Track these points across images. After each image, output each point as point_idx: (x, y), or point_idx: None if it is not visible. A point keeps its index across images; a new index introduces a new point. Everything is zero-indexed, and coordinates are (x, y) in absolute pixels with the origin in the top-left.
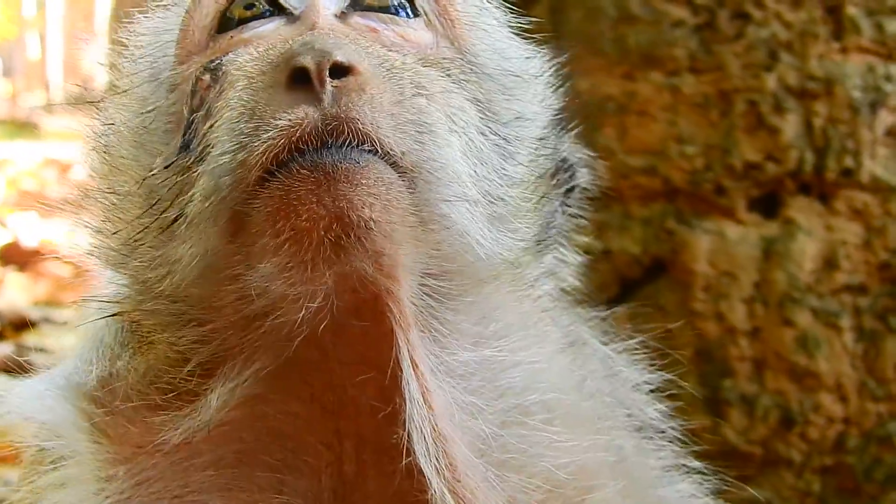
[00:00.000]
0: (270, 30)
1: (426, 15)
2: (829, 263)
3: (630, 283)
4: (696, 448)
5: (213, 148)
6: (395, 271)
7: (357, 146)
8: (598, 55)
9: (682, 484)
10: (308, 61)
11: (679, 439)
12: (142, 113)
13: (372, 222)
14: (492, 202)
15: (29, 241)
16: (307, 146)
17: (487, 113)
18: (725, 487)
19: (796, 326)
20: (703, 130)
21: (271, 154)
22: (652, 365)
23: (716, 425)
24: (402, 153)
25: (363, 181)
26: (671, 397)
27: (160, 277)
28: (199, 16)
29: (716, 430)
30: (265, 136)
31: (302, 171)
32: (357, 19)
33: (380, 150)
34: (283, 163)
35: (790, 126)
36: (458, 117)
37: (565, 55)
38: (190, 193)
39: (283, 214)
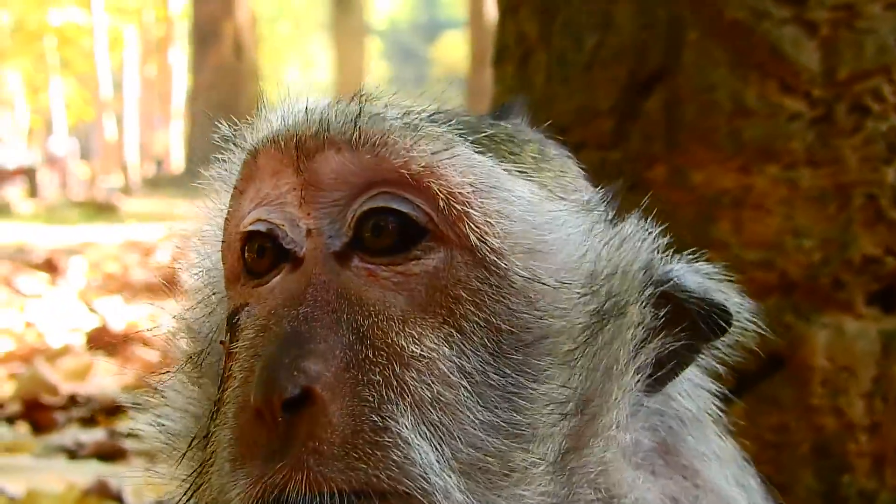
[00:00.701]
0: (277, 283)
1: (437, 229)
2: None
3: (746, 376)
4: None
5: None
6: None
7: (324, 498)
8: (713, 149)
9: None
10: (260, 401)
11: None
12: (197, 354)
13: None
14: (491, 477)
15: (116, 325)
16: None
17: (499, 345)
18: None
19: None
20: (820, 224)
21: None
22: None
23: None
24: (363, 483)
25: None
26: (789, 492)
27: None
28: (229, 255)
29: None
30: (234, 492)
31: None
32: (357, 262)
33: (336, 496)
34: None
35: None
36: (441, 397)
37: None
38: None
39: None
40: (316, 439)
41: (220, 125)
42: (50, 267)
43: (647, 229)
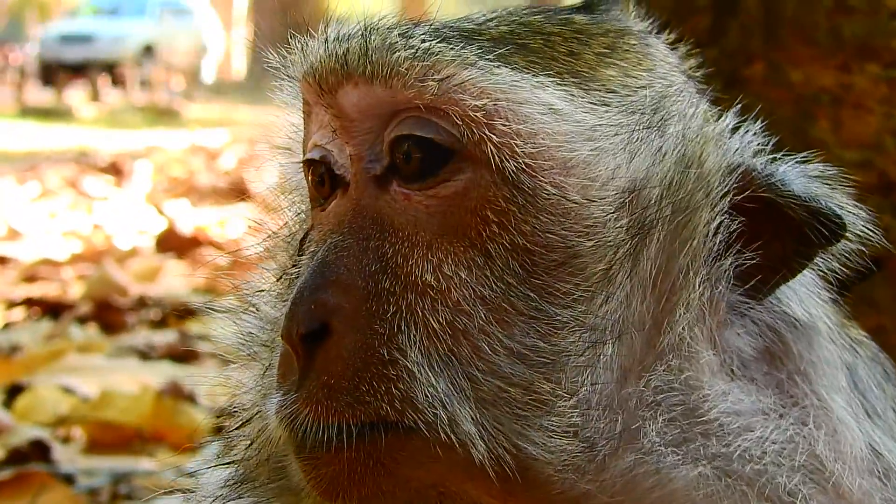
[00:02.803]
0: (332, 208)
1: (463, 150)
2: None
3: (845, 277)
4: None
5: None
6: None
7: (332, 429)
8: (812, 46)
9: None
10: (284, 334)
11: None
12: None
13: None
14: (511, 407)
15: (184, 228)
16: (298, 433)
17: (524, 268)
18: None
19: None
20: None
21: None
22: None
23: None
24: (378, 414)
25: (339, 462)
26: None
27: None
28: (305, 179)
29: None
30: (271, 426)
31: (298, 454)
32: (395, 187)
33: (351, 426)
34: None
35: None
36: (454, 326)
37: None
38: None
39: (309, 483)
40: (327, 373)
41: (277, 43)
42: (115, 170)
43: (743, 130)
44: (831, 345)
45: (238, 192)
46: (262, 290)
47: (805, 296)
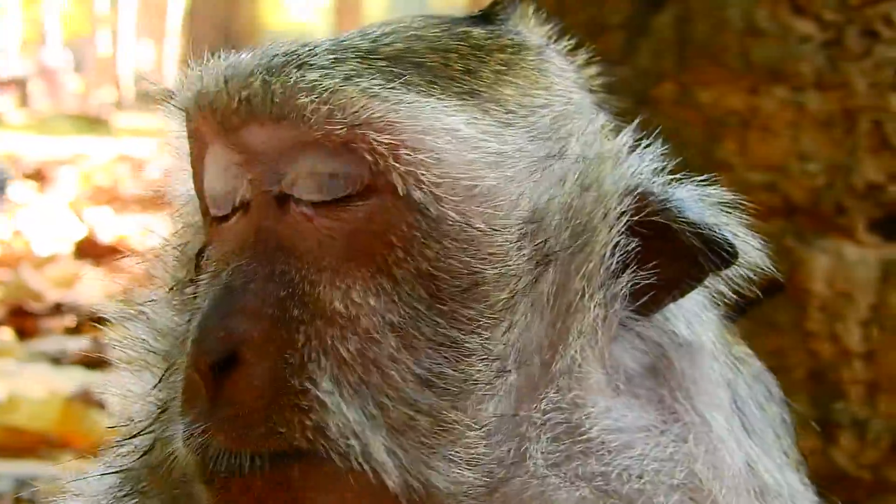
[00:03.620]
0: (231, 225)
1: (367, 178)
2: None
3: (741, 300)
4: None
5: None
6: None
7: (243, 457)
8: (722, 67)
9: None
10: (190, 363)
11: None
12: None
13: None
14: (419, 437)
15: (104, 237)
16: (208, 462)
17: (432, 294)
18: None
19: None
20: (825, 148)
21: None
22: None
23: (826, 448)
24: (290, 444)
25: (250, 490)
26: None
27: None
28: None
29: (825, 453)
30: (180, 437)
31: (203, 481)
32: (293, 206)
33: (259, 456)
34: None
35: None
36: (364, 354)
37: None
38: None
39: None
40: (237, 404)
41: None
42: (40, 176)
43: (644, 150)
44: (714, 363)
45: (161, 201)
46: (153, 300)
47: (692, 315)
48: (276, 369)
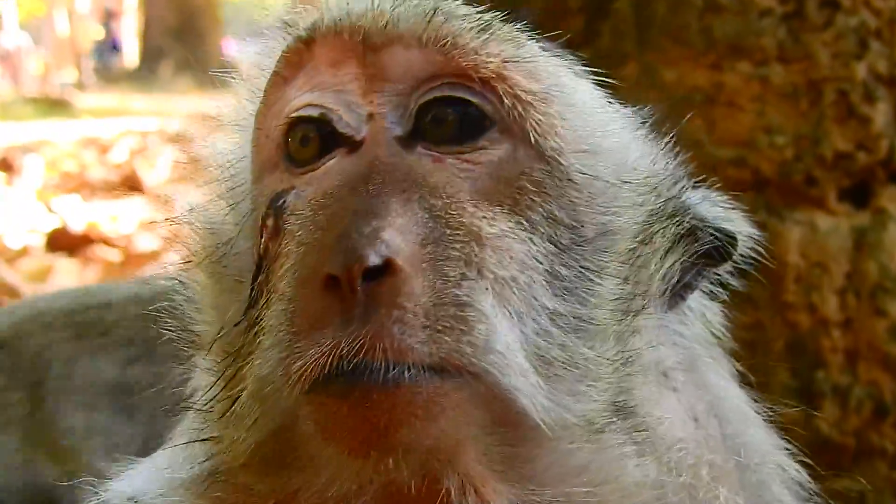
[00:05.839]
0: (332, 166)
1: (502, 122)
2: None
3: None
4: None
5: (259, 343)
6: (451, 460)
7: (390, 368)
8: (684, 46)
9: None
10: (338, 269)
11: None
12: (220, 245)
13: (413, 438)
14: (557, 370)
15: (76, 226)
16: (339, 371)
17: (563, 238)
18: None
19: (889, 316)
20: (792, 121)
21: (308, 378)
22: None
23: (808, 417)
24: (443, 357)
25: (398, 402)
26: (764, 389)
27: (225, 448)
28: (265, 144)
29: (808, 422)
30: (298, 364)
31: (339, 396)
32: (421, 149)
33: (415, 367)
34: (323, 383)
35: (881, 115)
36: (517, 280)
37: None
38: (240, 386)
39: (328, 434)
40: (400, 308)
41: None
42: (5, 165)
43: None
44: (725, 360)
45: (130, 185)
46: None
47: (698, 312)
48: (436, 281)
